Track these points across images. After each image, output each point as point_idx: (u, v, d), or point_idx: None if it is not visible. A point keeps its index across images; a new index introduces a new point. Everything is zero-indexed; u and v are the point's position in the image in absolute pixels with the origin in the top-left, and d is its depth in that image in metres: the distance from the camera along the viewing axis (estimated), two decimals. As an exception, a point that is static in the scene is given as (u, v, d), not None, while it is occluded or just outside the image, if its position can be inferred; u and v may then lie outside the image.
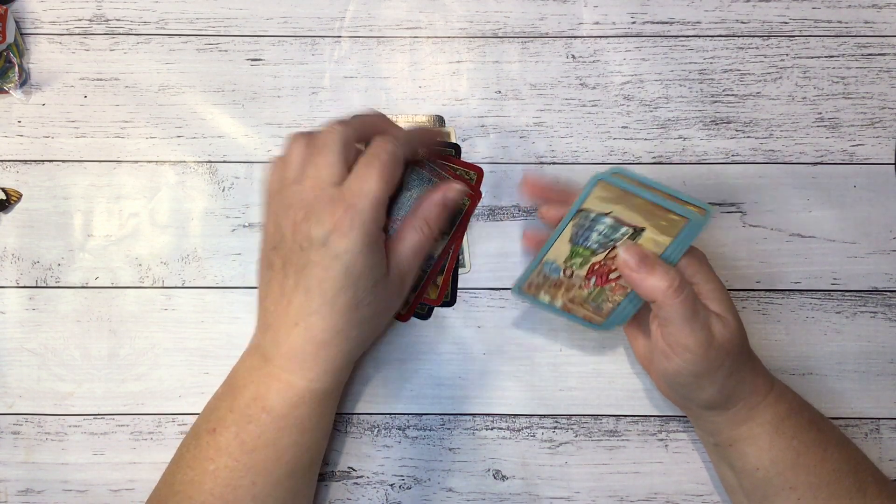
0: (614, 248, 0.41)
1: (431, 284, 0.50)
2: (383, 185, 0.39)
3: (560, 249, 0.43)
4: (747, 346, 0.43)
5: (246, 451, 0.40)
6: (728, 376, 0.41)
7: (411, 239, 0.42)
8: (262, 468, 0.40)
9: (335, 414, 0.46)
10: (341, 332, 0.40)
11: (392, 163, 0.40)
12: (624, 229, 0.41)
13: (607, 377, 0.50)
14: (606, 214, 0.41)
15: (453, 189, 0.43)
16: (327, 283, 0.39)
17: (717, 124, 0.53)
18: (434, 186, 0.44)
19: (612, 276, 0.42)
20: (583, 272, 0.43)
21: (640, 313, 0.45)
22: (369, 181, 0.39)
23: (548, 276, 0.44)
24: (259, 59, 0.53)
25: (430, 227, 0.43)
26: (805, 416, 0.43)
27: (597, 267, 0.42)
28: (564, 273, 0.43)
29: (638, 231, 0.40)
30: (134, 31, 0.54)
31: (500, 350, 0.50)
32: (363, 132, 0.42)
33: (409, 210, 0.43)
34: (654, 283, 0.39)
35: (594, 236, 0.41)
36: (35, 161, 0.52)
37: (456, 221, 0.47)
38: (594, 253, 0.42)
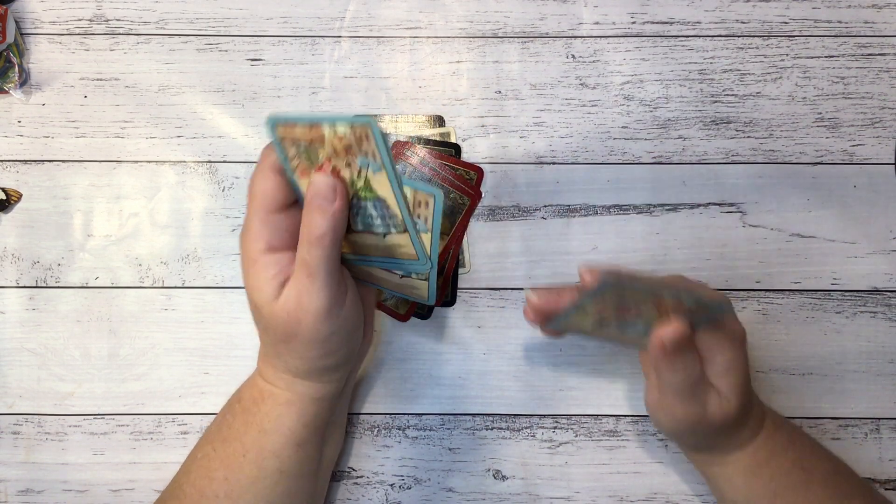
0: None
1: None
2: (251, 187, 0.37)
3: None
4: (745, 416, 0.41)
5: (221, 438, 0.41)
6: (708, 437, 0.42)
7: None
8: (232, 462, 0.40)
9: (315, 445, 0.42)
10: (259, 333, 0.40)
11: (263, 153, 0.37)
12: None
13: (607, 377, 0.50)
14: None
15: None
16: None
17: (717, 124, 0.53)
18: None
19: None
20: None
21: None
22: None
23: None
24: (259, 59, 0.53)
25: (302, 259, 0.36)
26: (789, 457, 0.42)
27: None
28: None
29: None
30: (134, 31, 0.54)
31: (500, 350, 0.50)
32: None
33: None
34: (670, 364, 0.39)
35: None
36: (35, 161, 0.52)
37: (455, 221, 0.46)
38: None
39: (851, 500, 0.42)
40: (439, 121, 0.52)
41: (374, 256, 0.40)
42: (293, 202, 0.37)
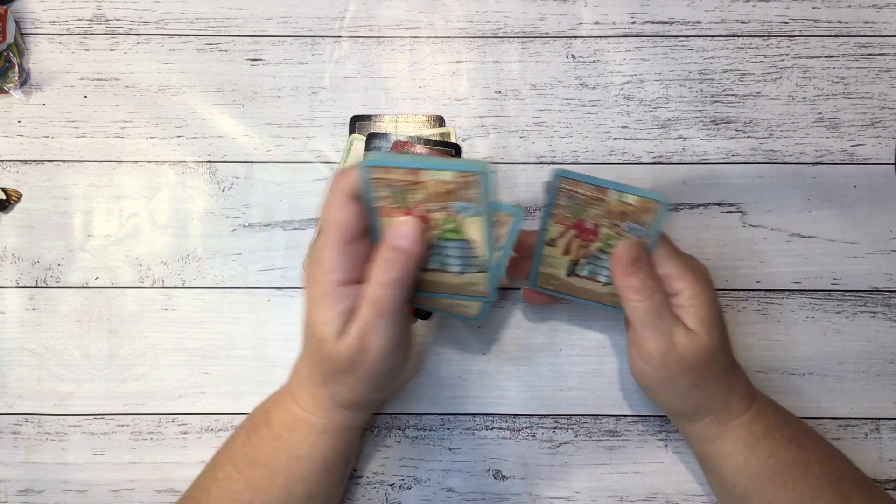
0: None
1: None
2: (327, 216, 0.36)
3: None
4: (723, 362, 0.42)
5: (247, 462, 0.41)
6: (691, 388, 0.41)
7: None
8: (259, 486, 0.40)
9: (343, 466, 0.43)
10: (306, 359, 0.40)
11: (337, 179, 0.36)
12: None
13: (607, 377, 0.50)
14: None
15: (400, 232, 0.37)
16: None
17: (717, 124, 0.53)
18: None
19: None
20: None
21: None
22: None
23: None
24: (259, 59, 0.53)
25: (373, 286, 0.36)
26: (785, 434, 0.42)
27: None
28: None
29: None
30: (134, 31, 0.54)
31: (500, 350, 0.50)
32: None
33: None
34: (630, 284, 0.40)
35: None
36: (35, 161, 0.52)
37: None
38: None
39: (850, 482, 0.42)
40: (439, 121, 0.52)
41: (441, 293, 0.41)
42: (366, 230, 0.37)
